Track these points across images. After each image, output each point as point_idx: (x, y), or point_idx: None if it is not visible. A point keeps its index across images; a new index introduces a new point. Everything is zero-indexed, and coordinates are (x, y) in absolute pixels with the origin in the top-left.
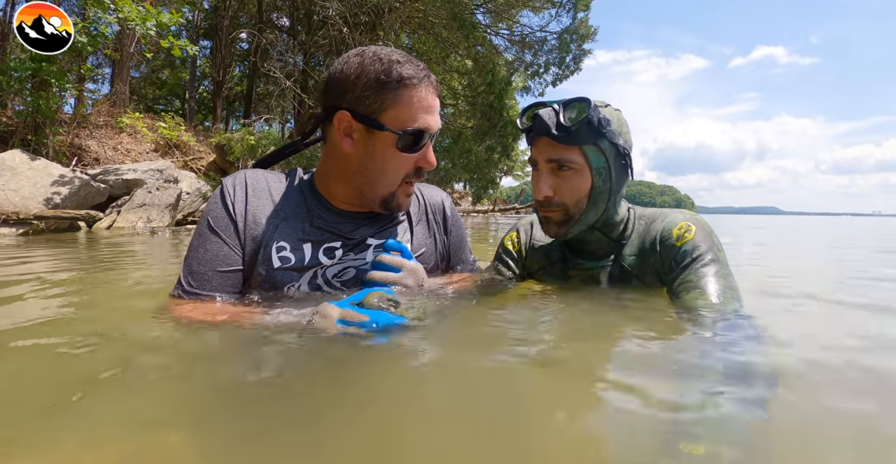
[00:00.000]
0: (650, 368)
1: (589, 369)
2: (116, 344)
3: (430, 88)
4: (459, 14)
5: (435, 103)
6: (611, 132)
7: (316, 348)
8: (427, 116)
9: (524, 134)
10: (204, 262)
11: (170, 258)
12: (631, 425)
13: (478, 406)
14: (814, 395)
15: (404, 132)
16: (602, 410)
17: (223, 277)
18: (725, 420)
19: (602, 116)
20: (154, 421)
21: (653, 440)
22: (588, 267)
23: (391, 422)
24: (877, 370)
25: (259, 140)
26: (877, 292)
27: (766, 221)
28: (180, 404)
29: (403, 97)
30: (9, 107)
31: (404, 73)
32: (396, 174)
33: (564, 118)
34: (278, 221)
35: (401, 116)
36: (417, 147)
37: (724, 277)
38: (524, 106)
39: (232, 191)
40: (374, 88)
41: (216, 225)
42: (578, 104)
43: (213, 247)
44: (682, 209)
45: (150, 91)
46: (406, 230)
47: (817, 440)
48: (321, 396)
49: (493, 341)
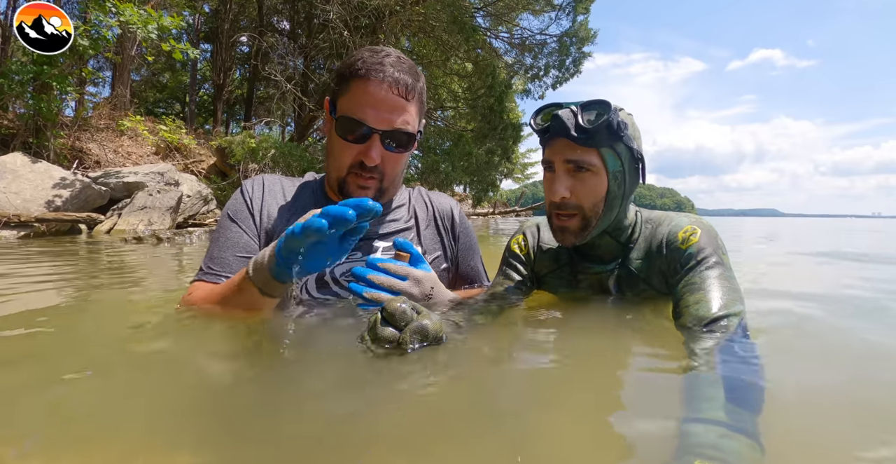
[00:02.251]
0: (653, 385)
1: (594, 388)
2: (117, 344)
3: (382, 85)
4: (459, 17)
5: (387, 101)
6: (627, 136)
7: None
8: (368, 109)
9: (539, 135)
10: (224, 248)
11: (171, 261)
12: (637, 435)
13: (489, 421)
14: (811, 410)
15: (339, 118)
16: (609, 422)
17: (242, 261)
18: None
19: (620, 120)
20: (156, 424)
21: (663, 453)
22: (596, 271)
23: (393, 432)
24: (876, 379)
25: (260, 143)
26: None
27: (768, 224)
28: (181, 405)
29: (352, 87)
30: (10, 110)
31: (358, 66)
32: (339, 161)
33: (583, 120)
34: (289, 216)
35: (344, 103)
36: (358, 138)
37: (728, 279)
38: (536, 107)
39: (250, 189)
40: (338, 79)
41: (235, 217)
42: (598, 106)
43: (232, 235)
44: (687, 213)
45: (150, 94)
46: (414, 236)
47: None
48: (323, 404)
49: (502, 360)
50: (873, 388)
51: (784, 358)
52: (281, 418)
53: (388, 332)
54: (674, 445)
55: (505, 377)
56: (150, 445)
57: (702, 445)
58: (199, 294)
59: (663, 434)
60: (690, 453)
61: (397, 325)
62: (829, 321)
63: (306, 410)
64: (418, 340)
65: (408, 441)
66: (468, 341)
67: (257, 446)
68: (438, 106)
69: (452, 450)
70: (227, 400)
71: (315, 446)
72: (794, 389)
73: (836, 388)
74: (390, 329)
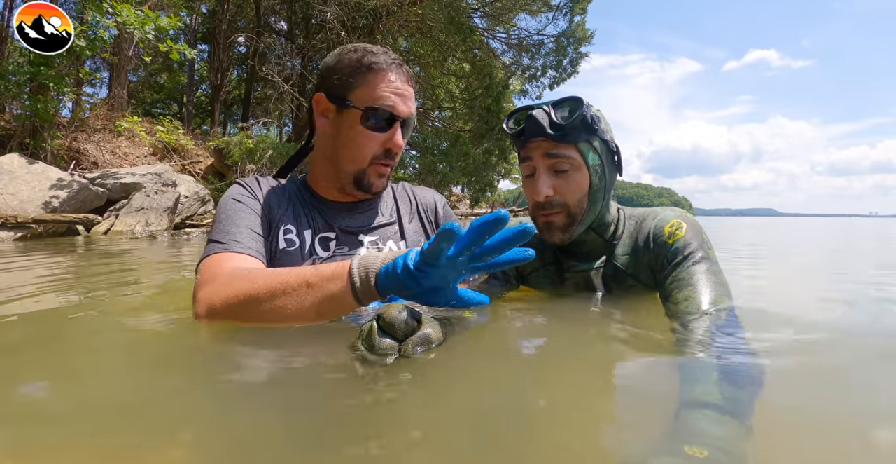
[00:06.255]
0: (645, 379)
1: (585, 379)
2: (116, 345)
3: (400, 76)
4: (457, 18)
5: (404, 90)
6: (601, 130)
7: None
8: (393, 97)
9: (515, 138)
10: (236, 223)
11: (169, 260)
12: (632, 428)
13: (485, 419)
14: (802, 397)
15: (367, 109)
16: (601, 415)
17: (256, 238)
18: (723, 423)
19: (593, 114)
20: (139, 426)
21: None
22: (582, 269)
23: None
24: (869, 368)
25: (257, 144)
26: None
27: (766, 224)
28: (181, 407)
29: (370, 79)
30: (7, 111)
31: (373, 60)
32: (363, 151)
33: (557, 117)
34: (286, 206)
35: (366, 95)
36: (383, 127)
37: (715, 274)
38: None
39: (247, 183)
40: (346, 73)
41: (242, 200)
42: (570, 103)
43: (243, 213)
44: (672, 207)
45: (147, 95)
46: (396, 231)
47: (807, 446)
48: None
49: (496, 355)
50: (863, 384)
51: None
52: (276, 425)
53: (386, 343)
54: (665, 427)
55: (508, 374)
56: (138, 446)
57: (693, 430)
58: (242, 266)
59: (657, 419)
60: (681, 439)
61: (397, 335)
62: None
63: (301, 416)
64: (420, 348)
65: (420, 442)
66: (466, 341)
67: (263, 452)
68: (436, 106)
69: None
70: (234, 403)
71: (315, 451)
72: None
73: (825, 387)
74: (388, 340)
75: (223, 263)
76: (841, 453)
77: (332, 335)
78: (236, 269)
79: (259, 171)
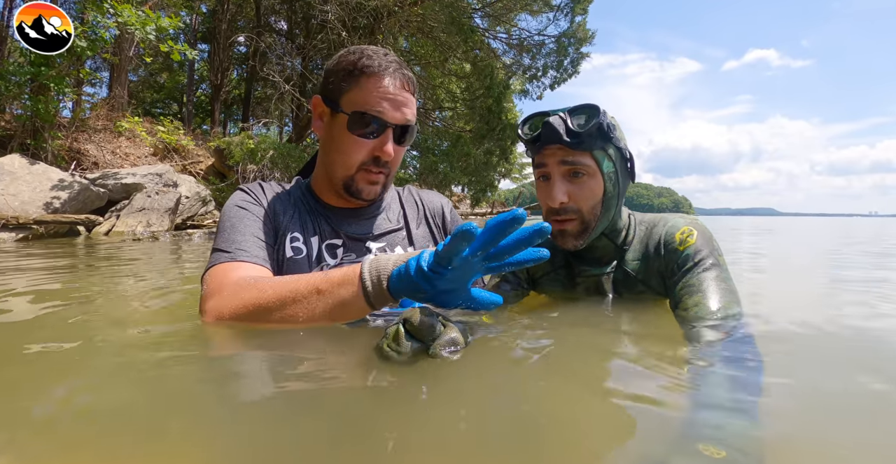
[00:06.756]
0: (656, 382)
1: (598, 384)
2: (117, 347)
3: (395, 81)
4: (458, 18)
5: (398, 96)
6: (616, 137)
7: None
8: (384, 104)
9: (529, 144)
10: (241, 231)
11: (171, 261)
12: (642, 431)
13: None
14: (808, 399)
15: (353, 113)
16: (611, 420)
17: (262, 245)
18: (730, 425)
19: (609, 122)
20: (153, 427)
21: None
22: (593, 273)
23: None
24: (872, 369)
25: (258, 144)
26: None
27: (766, 223)
28: (185, 411)
29: (362, 83)
30: (7, 111)
31: (367, 63)
32: (350, 158)
33: (574, 124)
34: (292, 212)
35: (356, 99)
36: (371, 133)
37: (725, 280)
38: (524, 115)
39: (250, 188)
40: (341, 76)
41: (246, 206)
42: (588, 110)
43: (247, 221)
44: (682, 214)
45: (148, 95)
46: (404, 237)
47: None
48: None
49: (509, 362)
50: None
51: (784, 356)
52: (283, 430)
53: (413, 346)
54: (678, 427)
55: (522, 378)
56: (141, 451)
57: (704, 427)
58: (249, 275)
59: (671, 420)
60: (693, 435)
61: (424, 339)
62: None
63: (329, 415)
64: (449, 350)
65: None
66: (480, 344)
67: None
68: (437, 106)
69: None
70: (240, 405)
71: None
72: (794, 383)
73: (833, 394)
74: (416, 343)
75: (229, 273)
76: (849, 451)
77: (333, 336)
78: (243, 278)
79: (260, 171)
